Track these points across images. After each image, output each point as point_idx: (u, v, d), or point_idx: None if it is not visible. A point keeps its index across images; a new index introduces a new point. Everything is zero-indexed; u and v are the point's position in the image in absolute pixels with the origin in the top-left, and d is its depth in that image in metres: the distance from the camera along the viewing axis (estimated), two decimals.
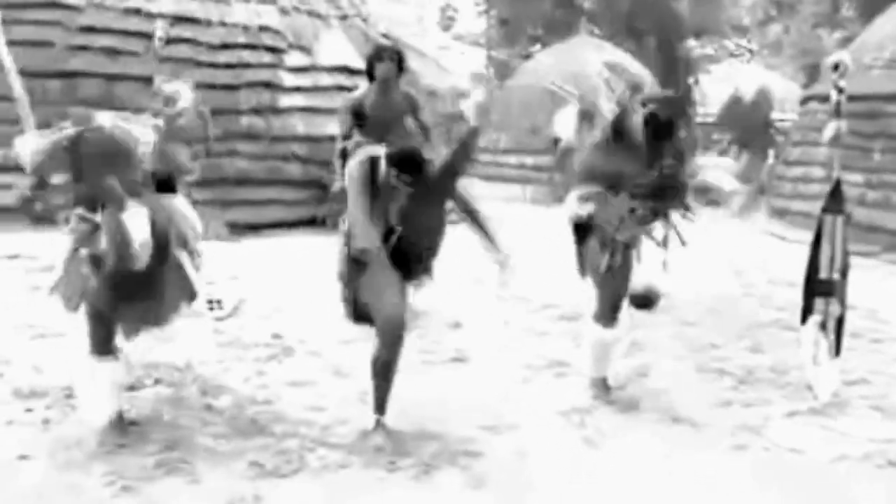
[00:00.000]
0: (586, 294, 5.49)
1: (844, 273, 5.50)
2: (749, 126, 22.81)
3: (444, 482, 4.18)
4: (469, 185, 4.86)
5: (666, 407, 5.26)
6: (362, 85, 6.93)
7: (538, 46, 25.67)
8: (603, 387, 5.43)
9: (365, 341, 6.21)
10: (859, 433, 4.92)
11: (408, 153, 4.60)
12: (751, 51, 36.12)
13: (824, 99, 13.91)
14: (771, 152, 19.38)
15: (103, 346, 4.53)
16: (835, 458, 4.59)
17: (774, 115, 22.81)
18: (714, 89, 28.80)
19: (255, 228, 10.80)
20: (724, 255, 10.57)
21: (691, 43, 28.74)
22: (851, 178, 12.69)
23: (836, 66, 5.47)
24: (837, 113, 5.59)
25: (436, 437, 4.66)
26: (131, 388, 5.06)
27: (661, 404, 5.31)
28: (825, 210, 5.52)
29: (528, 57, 24.64)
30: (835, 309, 5.44)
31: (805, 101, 14.93)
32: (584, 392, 5.44)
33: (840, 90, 5.51)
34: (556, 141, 6.09)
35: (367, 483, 4.15)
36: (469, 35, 32.04)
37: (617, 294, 5.27)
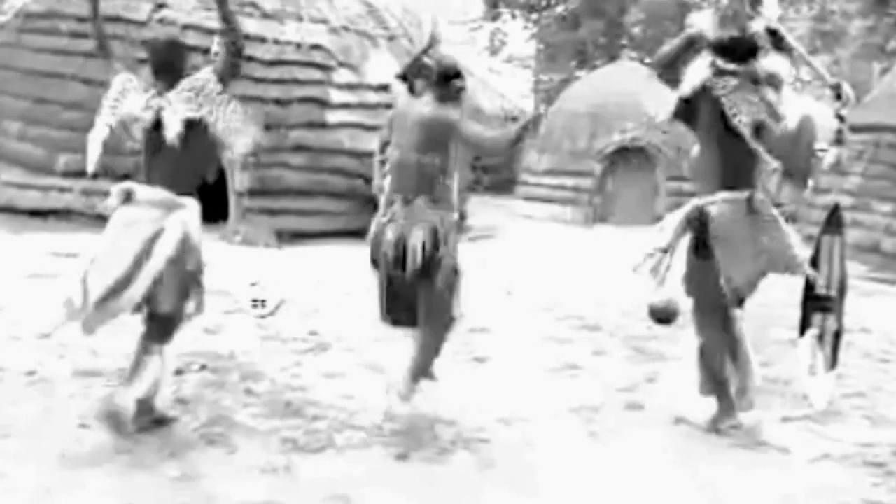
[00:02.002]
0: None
1: (842, 291, 5.83)
2: (791, 155, 22.99)
3: (456, 463, 4.64)
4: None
5: (669, 408, 5.65)
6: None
7: (583, 71, 26.08)
8: None
9: (398, 340, 6.75)
10: (845, 438, 5.29)
11: None
12: (802, 80, 36.08)
13: (858, 129, 14.24)
14: (810, 181, 19.56)
15: None
16: (817, 457, 4.98)
17: (818, 144, 22.95)
18: None
19: (300, 236, 11.31)
20: None
21: None
22: (881, 207, 12.99)
23: (838, 96, 5.82)
24: (839, 141, 5.93)
25: (452, 424, 5.13)
26: (179, 371, 5.58)
27: (665, 406, 5.70)
28: (824, 232, 5.88)
29: (566, 81, 25.05)
30: (831, 324, 5.80)
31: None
32: (595, 392, 5.89)
33: (841, 118, 5.86)
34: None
35: (386, 460, 4.62)
36: (519, 58, 32.45)
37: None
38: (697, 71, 5.22)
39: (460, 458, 4.70)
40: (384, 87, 12.04)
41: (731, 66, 5.16)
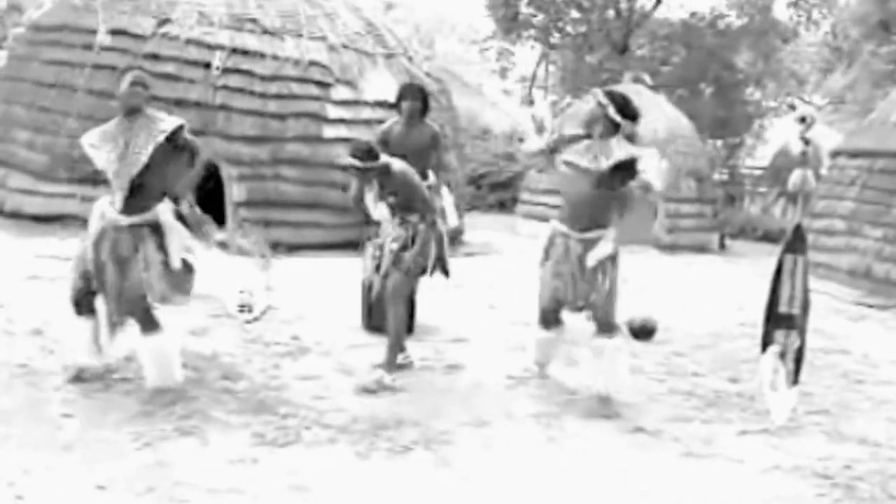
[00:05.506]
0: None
1: (805, 308, 6.01)
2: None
3: (416, 461, 4.87)
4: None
5: (630, 417, 5.86)
6: (391, 118, 7.75)
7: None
8: None
9: (373, 346, 6.98)
10: (801, 451, 5.47)
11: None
12: (814, 105, 36.17)
13: (854, 154, 14.43)
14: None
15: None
16: (767, 468, 5.17)
17: (823, 170, 23.09)
18: (768, 142, 29.08)
19: (294, 248, 11.55)
20: (733, 296, 11.12)
21: (750, 94, 29.09)
22: (871, 232, 13.14)
23: (802, 119, 6.05)
24: (803, 163, 6.15)
25: (416, 425, 5.36)
26: None
27: (625, 415, 5.91)
28: (786, 250, 6.05)
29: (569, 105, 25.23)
30: (793, 340, 5.98)
31: (835, 154, 15.34)
32: (559, 401, 6.10)
33: (806, 141, 6.07)
34: None
35: (350, 457, 4.86)
36: (536, 79, 32.64)
37: None
38: None
39: (419, 457, 4.92)
40: (380, 104, 12.38)
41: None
